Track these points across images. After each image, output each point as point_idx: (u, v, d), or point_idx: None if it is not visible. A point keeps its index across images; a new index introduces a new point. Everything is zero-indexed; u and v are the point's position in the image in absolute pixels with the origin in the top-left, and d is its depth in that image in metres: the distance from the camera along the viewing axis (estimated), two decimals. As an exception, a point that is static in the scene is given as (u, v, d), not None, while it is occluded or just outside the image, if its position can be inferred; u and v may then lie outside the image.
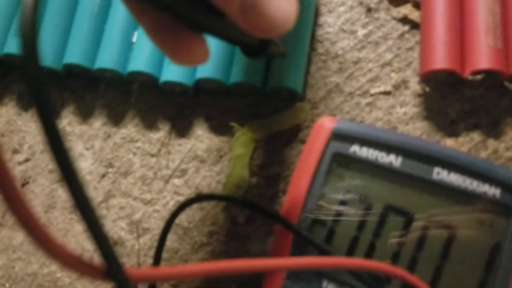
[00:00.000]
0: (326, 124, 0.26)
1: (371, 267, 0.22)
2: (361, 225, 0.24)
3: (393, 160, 0.25)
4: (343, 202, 0.25)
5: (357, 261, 0.22)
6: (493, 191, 0.23)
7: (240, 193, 0.30)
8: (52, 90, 0.36)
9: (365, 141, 0.25)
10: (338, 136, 0.25)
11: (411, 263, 0.24)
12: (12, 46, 0.34)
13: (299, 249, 0.25)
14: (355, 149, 0.25)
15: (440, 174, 0.24)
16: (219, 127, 0.33)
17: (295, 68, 0.30)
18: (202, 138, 0.33)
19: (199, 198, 0.28)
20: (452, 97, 0.30)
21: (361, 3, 0.33)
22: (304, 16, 0.31)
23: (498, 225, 0.23)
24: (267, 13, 0.17)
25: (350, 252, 0.24)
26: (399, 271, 0.22)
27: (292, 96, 0.31)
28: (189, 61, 0.21)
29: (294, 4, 0.18)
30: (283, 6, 0.17)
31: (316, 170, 0.25)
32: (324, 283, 0.24)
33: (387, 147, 0.25)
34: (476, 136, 0.29)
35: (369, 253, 0.24)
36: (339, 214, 0.25)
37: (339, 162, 0.25)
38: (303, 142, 0.31)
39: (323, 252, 0.24)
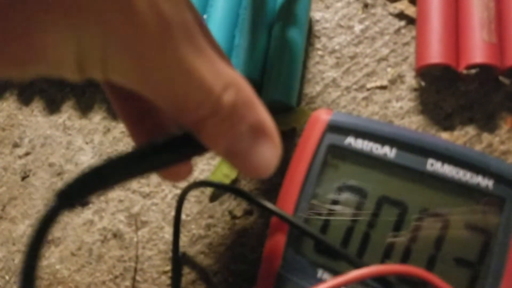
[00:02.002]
0: (321, 116, 0.26)
1: (405, 272, 0.22)
2: (356, 216, 0.25)
3: (388, 151, 0.25)
4: (338, 193, 0.25)
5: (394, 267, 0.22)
6: (486, 182, 0.24)
7: (227, 182, 0.31)
8: (53, 84, 0.37)
9: (360, 133, 0.25)
10: (333, 128, 0.26)
11: (405, 253, 0.24)
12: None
13: (295, 240, 0.25)
14: (350, 140, 0.25)
15: (434, 165, 0.24)
16: (217, 121, 0.33)
17: (289, 82, 0.31)
18: (200, 132, 0.33)
19: (204, 183, 0.29)
20: (447, 91, 0.30)
21: (358, -1, 0.33)
22: (298, 31, 0.32)
23: (491, 216, 0.23)
24: (249, 161, 0.18)
25: (345, 242, 0.24)
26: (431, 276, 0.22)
27: (287, 107, 0.31)
28: (178, 180, 0.24)
29: (277, 153, 0.19)
30: (266, 156, 0.19)
31: (312, 162, 0.26)
32: (319, 272, 0.24)
33: (382, 139, 0.25)
34: (471, 130, 0.29)
35: (364, 244, 0.24)
36: (334, 205, 0.25)
37: (335, 154, 0.26)
38: (299, 135, 0.31)
39: (318, 242, 0.24)
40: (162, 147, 0.18)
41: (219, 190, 0.32)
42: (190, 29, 0.16)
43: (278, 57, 0.31)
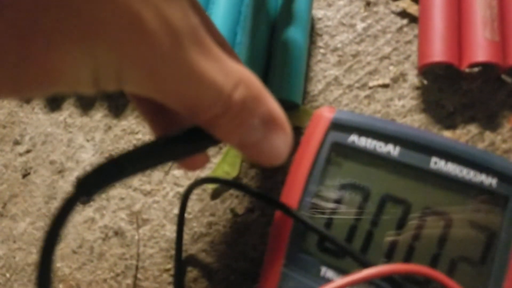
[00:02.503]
0: (325, 114, 0.26)
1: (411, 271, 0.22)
2: (359, 214, 0.25)
3: (391, 150, 0.25)
4: (341, 191, 0.25)
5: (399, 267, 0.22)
6: (489, 181, 0.24)
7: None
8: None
9: (363, 131, 0.25)
10: (337, 126, 0.26)
11: (408, 252, 0.24)
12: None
13: (298, 238, 0.25)
14: (354, 138, 0.25)
15: (438, 164, 0.24)
16: (219, 119, 0.33)
17: (294, 80, 0.31)
18: (202, 130, 0.33)
19: (210, 180, 0.29)
20: (449, 90, 0.30)
21: (360, -3, 0.33)
22: (301, 28, 0.32)
23: (494, 214, 0.23)
24: (262, 151, 0.19)
25: (349, 240, 0.24)
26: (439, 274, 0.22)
27: (292, 105, 0.31)
28: (196, 169, 0.25)
29: (288, 142, 0.20)
30: (278, 146, 0.20)
31: (315, 160, 0.26)
32: (323, 270, 0.24)
33: (385, 137, 0.25)
34: (473, 129, 0.29)
35: (367, 242, 0.24)
36: (337, 202, 0.25)
37: (338, 152, 0.26)
38: (302, 134, 0.31)
39: (324, 238, 0.24)
40: (176, 140, 0.19)
41: (223, 186, 0.31)
42: (198, 33, 0.16)
43: (281, 55, 0.31)
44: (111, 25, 0.14)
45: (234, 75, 0.17)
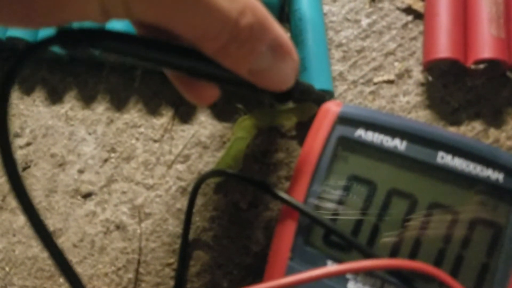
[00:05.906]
0: (332, 108, 0.26)
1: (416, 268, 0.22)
2: (365, 208, 0.25)
3: (398, 144, 0.25)
4: (347, 186, 0.25)
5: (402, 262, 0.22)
6: (496, 175, 0.24)
7: None
8: (55, 74, 0.36)
9: (370, 125, 0.25)
10: (343, 120, 0.26)
11: (414, 246, 0.24)
12: (15, 30, 0.34)
13: (304, 231, 0.25)
14: (361, 133, 0.25)
15: (444, 158, 0.24)
16: (223, 114, 0.33)
17: (324, 68, 0.31)
18: (205, 124, 0.33)
19: (220, 173, 0.29)
20: (454, 86, 0.30)
21: (365, -7, 0.33)
22: (317, 14, 0.32)
23: (500, 209, 0.23)
24: (272, 78, 0.20)
25: (354, 234, 0.24)
26: (441, 273, 0.22)
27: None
28: (202, 103, 0.25)
29: (296, 66, 0.20)
30: (286, 71, 0.20)
31: (322, 154, 0.25)
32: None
33: (392, 131, 0.25)
34: (477, 125, 0.29)
35: (373, 236, 0.24)
36: (343, 196, 0.25)
37: (345, 146, 0.26)
38: (307, 129, 0.31)
39: (328, 230, 0.24)
40: (173, 47, 0.19)
41: (226, 180, 0.31)
42: None
43: (304, 46, 0.31)
44: None
45: (239, 1, 0.17)
